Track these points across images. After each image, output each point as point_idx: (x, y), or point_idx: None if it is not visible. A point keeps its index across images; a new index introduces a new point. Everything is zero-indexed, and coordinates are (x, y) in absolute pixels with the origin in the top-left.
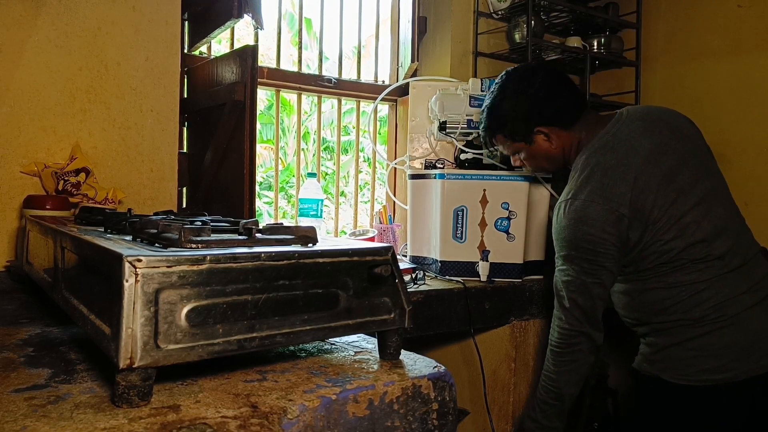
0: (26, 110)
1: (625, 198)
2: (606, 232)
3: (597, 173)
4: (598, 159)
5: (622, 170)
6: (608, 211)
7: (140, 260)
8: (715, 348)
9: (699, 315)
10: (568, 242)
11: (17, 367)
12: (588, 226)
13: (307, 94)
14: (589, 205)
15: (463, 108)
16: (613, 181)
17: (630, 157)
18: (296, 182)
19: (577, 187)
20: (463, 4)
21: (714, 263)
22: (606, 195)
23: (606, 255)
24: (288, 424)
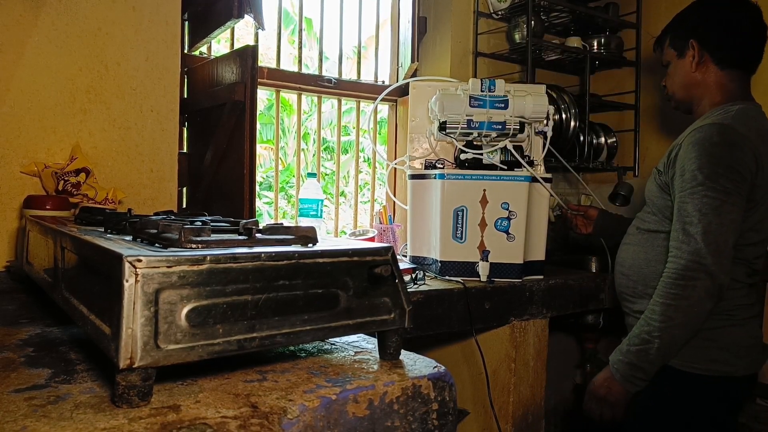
0: (26, 110)
1: (764, 161)
2: (751, 169)
3: (753, 127)
4: (754, 114)
5: (765, 142)
6: (756, 157)
7: (140, 260)
8: (724, 341)
9: (722, 309)
10: (719, 158)
11: (17, 367)
12: (741, 153)
13: (307, 94)
14: (746, 140)
15: (463, 108)
16: (762, 142)
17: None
18: (296, 182)
19: (734, 119)
20: (463, 5)
21: (753, 273)
22: (755, 146)
23: (746, 187)
24: (288, 424)
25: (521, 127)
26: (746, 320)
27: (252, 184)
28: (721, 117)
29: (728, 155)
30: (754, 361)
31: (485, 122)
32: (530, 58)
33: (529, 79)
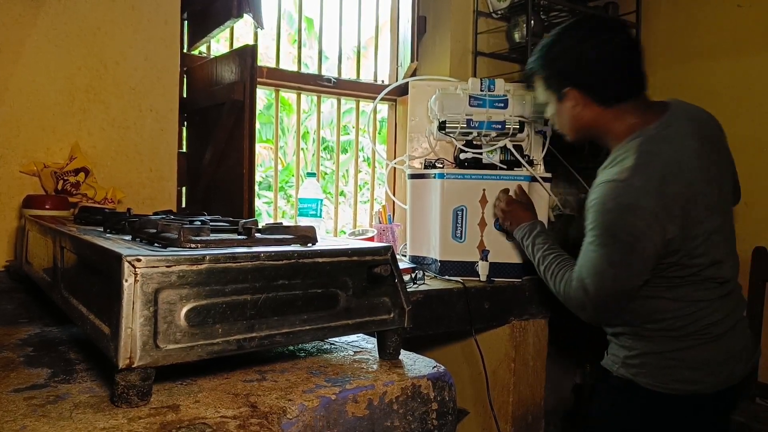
0: (25, 110)
1: (679, 199)
2: (652, 229)
3: (657, 163)
4: (657, 148)
5: (679, 168)
6: (662, 207)
7: (139, 260)
8: (694, 361)
9: (692, 330)
10: (607, 227)
11: (17, 366)
12: (636, 217)
13: (306, 93)
14: (644, 195)
15: (463, 107)
16: (672, 177)
17: (685, 156)
18: (295, 182)
19: (631, 171)
20: (462, 4)
21: (719, 285)
22: (663, 190)
23: (641, 255)
24: (287, 424)
25: (521, 126)
26: (719, 336)
27: (251, 183)
28: (618, 169)
29: (618, 222)
30: (728, 376)
31: (485, 122)
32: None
33: None
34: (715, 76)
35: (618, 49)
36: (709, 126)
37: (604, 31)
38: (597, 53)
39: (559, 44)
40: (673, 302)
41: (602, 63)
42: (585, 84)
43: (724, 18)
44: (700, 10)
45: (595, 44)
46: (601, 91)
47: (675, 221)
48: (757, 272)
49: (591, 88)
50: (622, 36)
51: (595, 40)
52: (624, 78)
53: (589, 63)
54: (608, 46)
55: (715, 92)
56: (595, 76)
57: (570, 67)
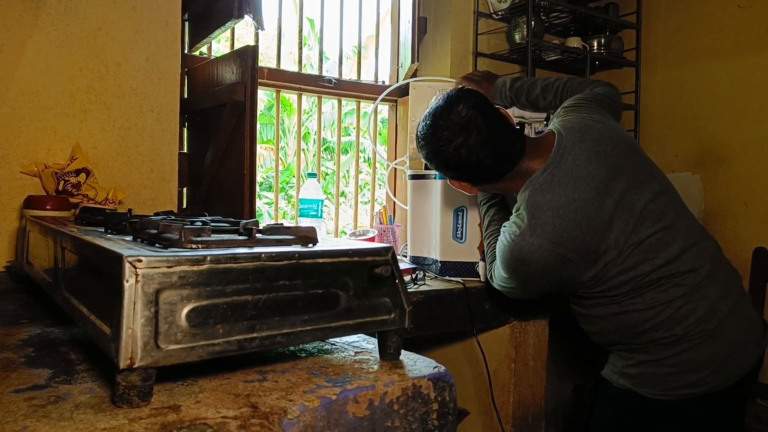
0: (26, 110)
1: (575, 242)
2: (544, 278)
3: (547, 213)
4: (546, 198)
5: (573, 208)
6: (555, 256)
7: (140, 260)
8: (694, 363)
9: (681, 332)
10: (506, 267)
11: (17, 367)
12: (529, 267)
13: (307, 94)
14: (536, 251)
15: None
16: (564, 222)
17: (579, 190)
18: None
19: (525, 227)
20: (463, 5)
21: (686, 276)
22: (556, 239)
23: (539, 288)
24: (288, 425)
25: (521, 127)
26: (715, 330)
27: (252, 184)
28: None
29: (517, 271)
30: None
31: None
32: (530, 58)
33: None
34: (715, 76)
35: (475, 146)
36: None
37: (455, 131)
38: (466, 150)
39: (429, 141)
40: (645, 311)
41: (476, 155)
42: (465, 177)
43: (724, 18)
44: (700, 11)
45: (463, 140)
46: (482, 177)
47: (569, 264)
48: (757, 272)
49: (473, 178)
50: (474, 131)
51: (452, 148)
52: (494, 165)
53: (458, 167)
54: (465, 149)
55: (715, 92)
56: (472, 167)
57: (443, 169)
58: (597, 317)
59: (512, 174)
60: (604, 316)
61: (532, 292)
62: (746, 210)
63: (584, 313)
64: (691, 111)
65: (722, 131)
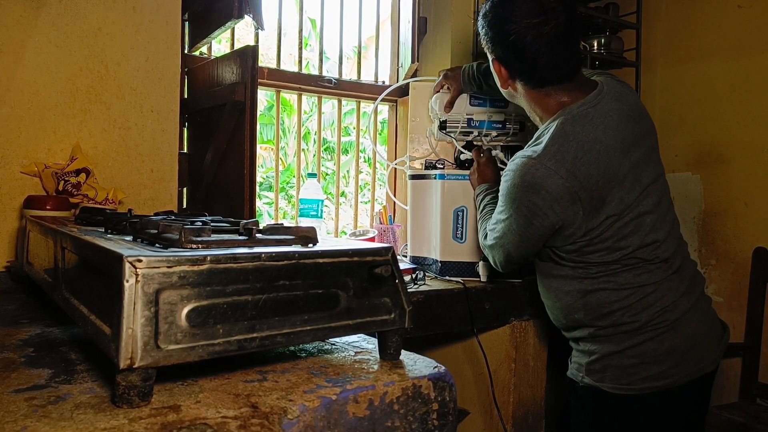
0: (26, 110)
1: (589, 181)
2: (552, 209)
3: (572, 143)
4: (575, 128)
5: (597, 148)
6: (567, 189)
7: (141, 260)
8: (656, 354)
9: (645, 319)
10: (510, 201)
11: (17, 367)
12: (538, 196)
13: (307, 94)
14: (551, 176)
15: (464, 108)
16: (587, 157)
17: (608, 136)
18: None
19: (544, 150)
20: (463, 5)
21: (661, 265)
22: (573, 171)
23: (537, 230)
24: (288, 425)
25: (521, 126)
26: (677, 322)
27: (252, 184)
28: (534, 147)
29: (521, 198)
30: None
31: (485, 121)
32: None
33: None
34: (715, 76)
35: (544, 37)
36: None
37: (537, 15)
38: (521, 39)
39: (490, 15)
40: (617, 291)
41: (526, 50)
42: (508, 63)
43: (724, 18)
44: (700, 11)
45: (521, 29)
46: (524, 74)
47: (582, 203)
48: (757, 272)
49: (513, 70)
50: (552, 22)
51: (523, 24)
52: (548, 67)
53: (514, 47)
54: (534, 33)
55: (715, 92)
56: (517, 61)
57: (497, 44)
58: (565, 292)
59: (554, 89)
60: (573, 291)
61: (527, 238)
62: (746, 210)
63: (553, 284)
64: (691, 111)
65: (722, 131)
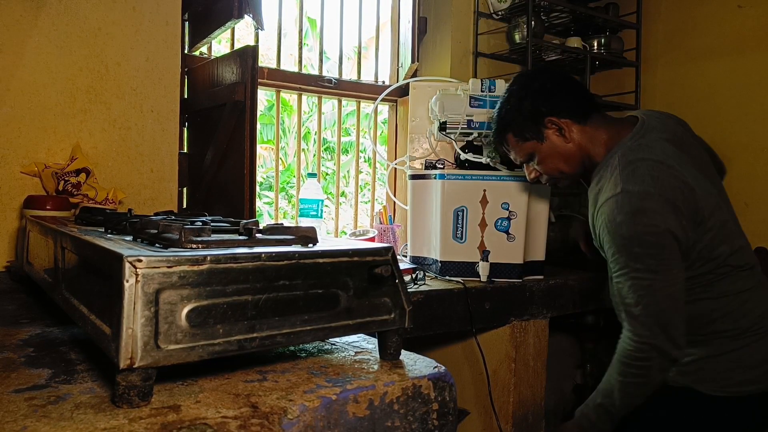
0: (27, 110)
1: (677, 192)
2: (668, 223)
3: (643, 167)
4: (639, 155)
5: (668, 165)
6: (666, 201)
7: (141, 260)
8: (752, 360)
9: (747, 325)
10: (629, 238)
11: (17, 367)
12: (648, 217)
13: (307, 94)
14: (645, 197)
15: (464, 108)
16: (663, 174)
17: (668, 157)
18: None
19: (624, 180)
20: (463, 5)
21: (751, 272)
22: (659, 187)
23: (672, 250)
24: (288, 425)
25: None
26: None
27: (252, 184)
28: (613, 183)
29: (635, 229)
30: None
31: (485, 122)
32: (530, 58)
33: None
34: (715, 76)
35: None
36: (678, 129)
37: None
38: (548, 83)
39: (511, 99)
40: (716, 300)
41: (557, 87)
42: (557, 107)
43: (724, 18)
44: (700, 11)
45: (538, 80)
46: (572, 107)
47: (683, 213)
48: None
49: (563, 109)
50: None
51: (535, 77)
52: (583, 94)
53: (548, 92)
54: (551, 76)
55: (715, 92)
56: (559, 97)
57: (539, 102)
58: None
59: (599, 121)
60: None
61: (667, 263)
62: (746, 210)
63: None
64: (691, 111)
65: (722, 131)
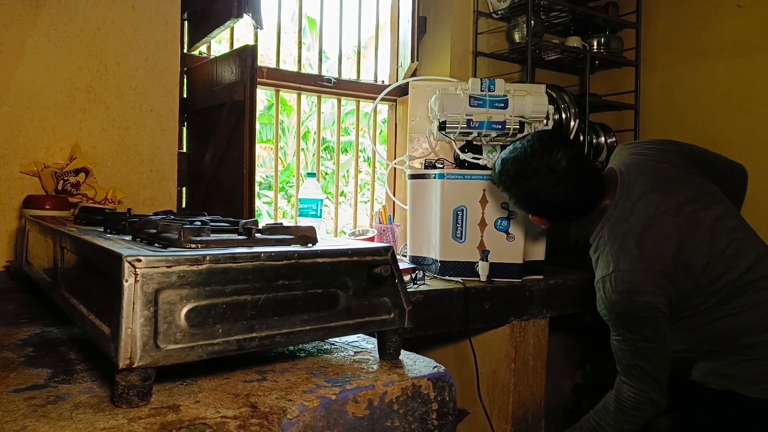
0: (26, 110)
1: (666, 258)
2: (658, 296)
3: (629, 241)
4: (623, 228)
5: (652, 231)
6: (654, 274)
7: (140, 260)
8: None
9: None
10: (624, 315)
11: (17, 367)
12: (640, 294)
13: (306, 94)
14: (635, 274)
15: (463, 108)
16: (648, 245)
17: (651, 214)
18: (296, 182)
19: (615, 260)
20: (462, 4)
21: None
22: (646, 260)
23: (664, 319)
24: (287, 424)
25: (521, 126)
26: None
27: (251, 183)
28: (605, 262)
29: (629, 306)
30: None
31: (485, 122)
32: (530, 57)
33: (529, 78)
34: (715, 76)
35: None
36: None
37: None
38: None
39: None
40: (737, 315)
41: (548, 203)
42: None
43: (724, 18)
44: (700, 10)
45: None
46: (565, 218)
47: (671, 276)
48: None
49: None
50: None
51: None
52: (582, 202)
53: (551, 206)
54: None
55: (715, 92)
56: (557, 212)
57: (523, 205)
58: (687, 331)
59: (592, 213)
60: (694, 328)
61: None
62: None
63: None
64: (691, 111)
65: (722, 131)
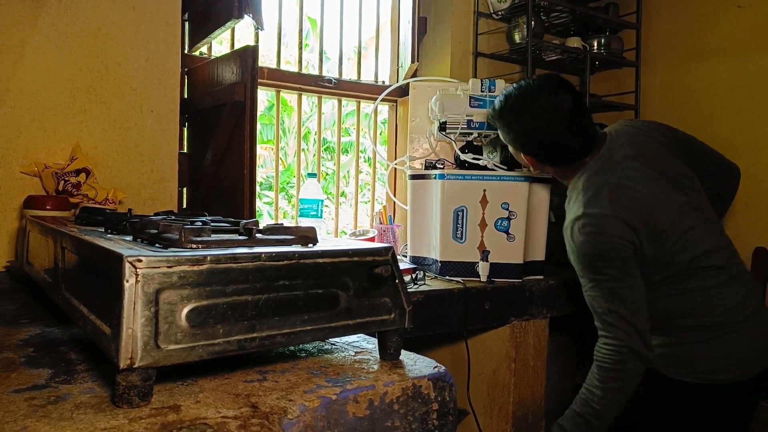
0: (26, 110)
1: (636, 213)
2: (626, 240)
3: (603, 191)
4: (600, 179)
5: (626, 188)
6: (623, 222)
7: (141, 260)
8: (720, 352)
9: (711, 322)
10: (591, 256)
11: (17, 367)
12: (607, 236)
13: (307, 94)
14: (604, 219)
15: (463, 108)
16: (620, 198)
17: (629, 176)
18: (296, 182)
19: (585, 205)
20: (463, 5)
21: (717, 272)
22: (617, 210)
23: (632, 260)
24: (288, 425)
25: None
26: (740, 324)
27: (252, 184)
28: (576, 206)
29: (596, 247)
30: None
31: (485, 122)
32: (530, 58)
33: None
34: (715, 76)
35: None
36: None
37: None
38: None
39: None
40: (683, 295)
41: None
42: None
43: (724, 18)
44: (700, 11)
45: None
46: (551, 160)
47: (638, 230)
48: (758, 272)
49: (542, 159)
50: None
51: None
52: (573, 146)
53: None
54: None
55: (715, 92)
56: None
57: (520, 141)
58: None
59: (580, 162)
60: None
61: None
62: (746, 210)
63: None
64: (691, 111)
65: (722, 131)
